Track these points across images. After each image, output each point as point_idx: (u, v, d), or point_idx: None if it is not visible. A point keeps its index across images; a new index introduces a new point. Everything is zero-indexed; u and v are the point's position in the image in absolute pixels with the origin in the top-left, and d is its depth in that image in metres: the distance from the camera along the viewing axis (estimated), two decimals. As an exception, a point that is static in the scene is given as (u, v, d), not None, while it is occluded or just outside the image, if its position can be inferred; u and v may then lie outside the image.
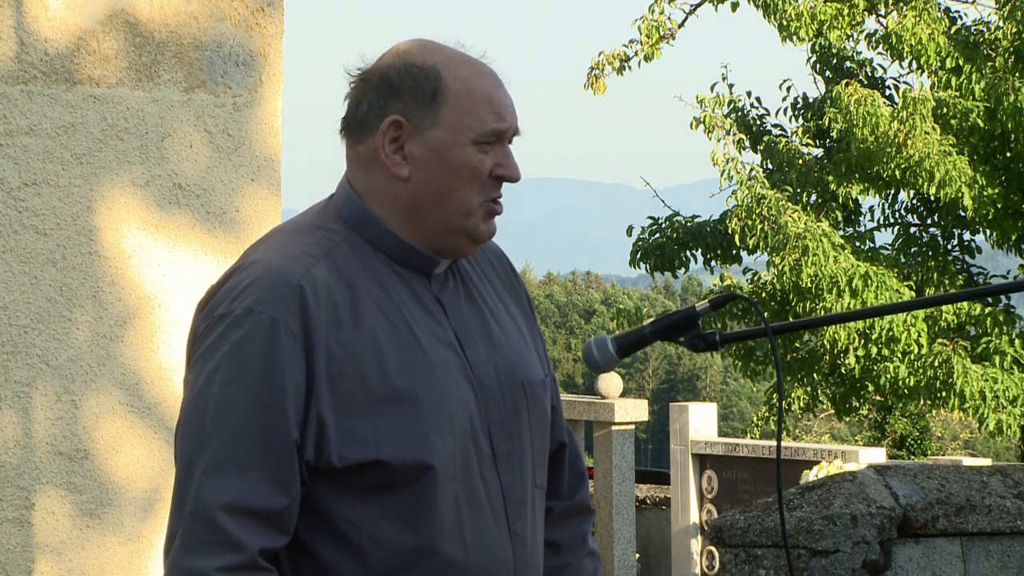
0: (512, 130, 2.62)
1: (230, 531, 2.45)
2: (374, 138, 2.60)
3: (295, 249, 2.57)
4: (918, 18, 16.37)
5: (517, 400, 2.66)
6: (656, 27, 18.01)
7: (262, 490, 2.47)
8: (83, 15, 4.33)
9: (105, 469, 4.37)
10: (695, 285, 60.57)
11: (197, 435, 2.48)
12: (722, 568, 5.42)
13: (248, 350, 2.48)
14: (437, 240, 2.61)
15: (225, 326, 2.51)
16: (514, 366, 2.68)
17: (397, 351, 2.55)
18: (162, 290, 4.43)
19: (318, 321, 2.51)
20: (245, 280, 2.55)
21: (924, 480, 5.43)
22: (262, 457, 2.47)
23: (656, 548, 14.45)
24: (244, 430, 2.47)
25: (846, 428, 29.85)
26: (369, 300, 2.56)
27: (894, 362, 15.71)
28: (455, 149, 2.58)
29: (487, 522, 2.59)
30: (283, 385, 2.48)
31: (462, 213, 2.59)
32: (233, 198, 4.55)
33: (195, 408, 2.50)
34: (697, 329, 2.71)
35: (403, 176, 2.59)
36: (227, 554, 2.45)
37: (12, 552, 4.26)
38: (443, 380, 2.57)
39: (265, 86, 4.60)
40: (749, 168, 16.86)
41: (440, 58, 2.60)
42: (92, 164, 4.35)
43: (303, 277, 2.52)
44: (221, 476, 2.46)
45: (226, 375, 2.48)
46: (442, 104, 2.58)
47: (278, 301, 2.50)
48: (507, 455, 2.63)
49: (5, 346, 4.26)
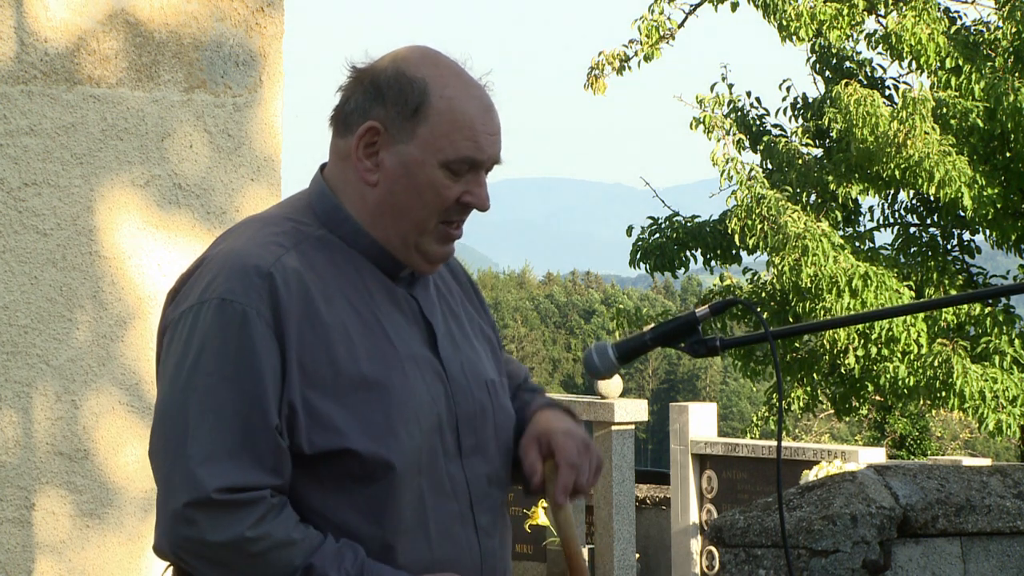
0: (489, 160, 2.61)
1: (230, 504, 2.46)
2: (353, 137, 2.60)
3: (264, 238, 2.58)
4: (918, 18, 16.36)
5: (483, 397, 2.68)
6: (656, 27, 18.01)
7: (254, 474, 2.48)
8: (83, 15, 4.32)
9: (105, 469, 4.37)
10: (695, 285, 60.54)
11: (181, 428, 2.48)
12: (722, 568, 5.42)
13: (224, 339, 2.49)
14: (395, 250, 2.62)
15: (197, 317, 2.51)
16: (477, 364, 2.70)
17: (366, 342, 2.56)
18: (162, 290, 4.43)
19: (289, 308, 2.51)
20: (215, 269, 2.55)
21: (924, 480, 5.43)
22: (251, 445, 2.48)
23: (656, 548, 14.45)
24: (230, 420, 2.47)
25: (846, 428, 29.85)
26: (338, 292, 2.57)
27: (894, 362, 15.70)
28: (423, 169, 2.57)
29: (452, 516, 2.60)
30: (261, 372, 2.48)
31: (417, 231, 2.60)
32: (233, 198, 4.55)
33: (175, 402, 2.50)
34: (698, 335, 2.72)
35: (371, 182, 2.60)
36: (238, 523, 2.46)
37: (12, 552, 4.26)
38: (411, 373, 2.58)
39: (265, 86, 4.60)
40: (749, 168, 16.85)
41: (432, 72, 2.59)
42: (92, 164, 4.35)
43: (273, 265, 2.53)
44: (213, 464, 2.46)
45: (205, 366, 2.49)
46: (422, 121, 2.57)
47: (249, 289, 2.51)
48: (472, 450, 2.65)
49: (5, 346, 4.26)
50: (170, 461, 2.49)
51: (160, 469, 2.51)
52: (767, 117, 18.05)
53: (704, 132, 17.20)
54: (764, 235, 15.94)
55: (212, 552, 2.46)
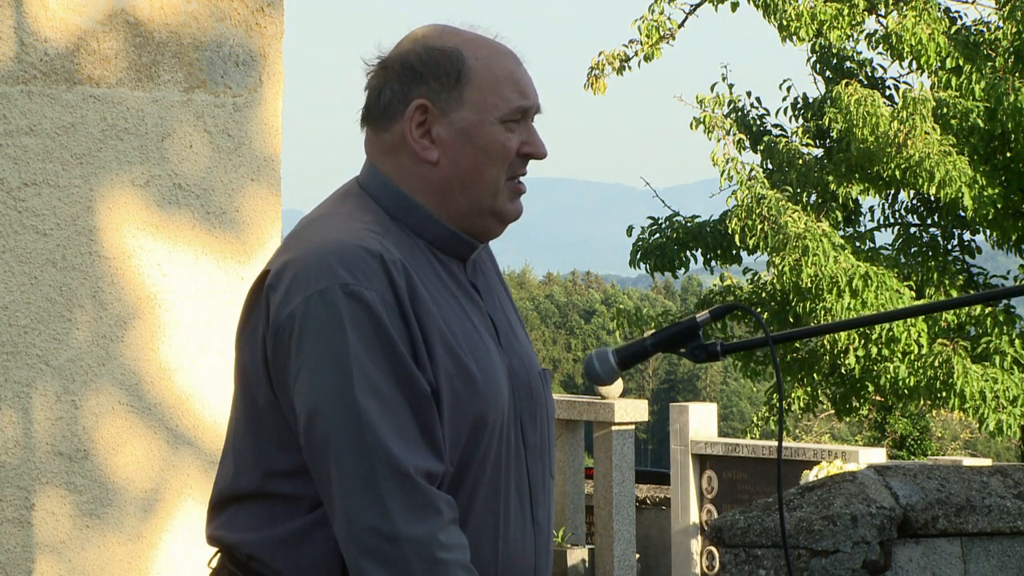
0: (535, 107, 2.62)
1: (429, 493, 2.40)
2: (399, 124, 2.58)
3: (356, 227, 2.53)
4: (918, 18, 16.36)
5: (539, 390, 2.67)
6: (656, 27, 18.00)
7: (431, 458, 2.43)
8: (83, 15, 4.32)
9: (105, 469, 4.37)
10: (695, 285, 60.53)
11: (355, 418, 2.40)
12: (722, 568, 5.42)
13: (361, 325, 2.42)
14: (466, 222, 2.60)
15: (322, 306, 2.43)
16: (532, 356, 2.69)
17: (463, 331, 2.54)
18: (162, 290, 4.43)
19: (402, 290, 2.47)
20: (319, 259, 2.47)
21: (924, 480, 5.43)
22: (422, 429, 2.43)
23: (656, 548, 14.44)
24: (399, 405, 2.41)
25: (846, 428, 29.84)
26: (429, 280, 2.54)
27: (894, 362, 15.70)
28: (483, 128, 2.57)
29: (517, 514, 2.58)
30: (405, 355, 2.43)
31: (491, 193, 2.58)
32: (233, 198, 4.55)
33: (340, 397, 2.41)
34: (698, 340, 2.73)
35: (432, 160, 2.57)
36: (435, 517, 2.40)
37: (12, 552, 4.25)
38: (495, 365, 2.57)
39: (265, 86, 4.60)
40: (749, 168, 16.85)
41: (459, 40, 2.60)
42: (92, 164, 4.35)
43: (380, 248, 2.48)
44: (404, 442, 2.40)
45: (355, 357, 2.41)
46: (466, 85, 2.57)
47: (371, 274, 2.45)
48: (535, 445, 2.63)
49: (5, 346, 4.25)
50: (354, 449, 2.40)
51: (339, 454, 2.41)
52: (767, 117, 18.05)
53: (704, 132, 17.20)
54: (764, 235, 15.93)
55: (396, 549, 2.38)
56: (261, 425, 2.53)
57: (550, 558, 2.68)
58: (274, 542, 2.51)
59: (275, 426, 2.52)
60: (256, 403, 2.54)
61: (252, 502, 2.54)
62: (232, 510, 2.57)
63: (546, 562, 2.65)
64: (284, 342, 2.47)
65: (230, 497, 2.57)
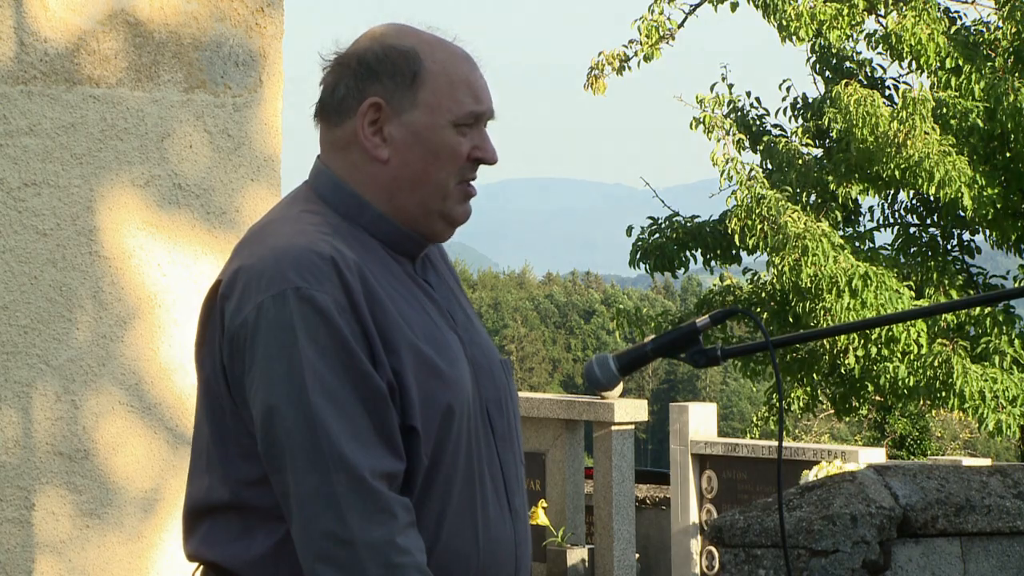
0: (489, 112, 2.62)
1: (385, 497, 2.40)
2: (352, 121, 2.59)
3: (306, 230, 2.53)
4: (918, 18, 16.37)
5: (501, 379, 2.68)
6: (656, 27, 18.01)
7: (388, 458, 2.43)
8: (83, 15, 4.32)
9: (105, 469, 4.37)
10: (695, 285, 60.54)
11: (309, 422, 2.40)
12: (722, 568, 5.42)
13: (311, 329, 2.42)
14: (415, 223, 2.61)
15: (274, 311, 2.44)
16: (491, 347, 2.71)
17: (422, 326, 2.54)
18: (162, 290, 4.44)
19: (356, 291, 2.47)
20: (270, 265, 2.48)
21: (924, 480, 5.43)
22: (378, 429, 2.43)
23: (656, 548, 14.44)
24: (354, 406, 2.42)
25: (846, 428, 29.84)
26: (382, 277, 2.55)
27: (894, 362, 15.70)
28: (435, 131, 2.57)
29: (493, 501, 2.59)
30: (360, 356, 2.44)
31: (440, 195, 2.59)
32: (233, 198, 4.55)
33: (292, 402, 2.41)
34: (698, 345, 2.74)
35: (382, 158, 2.58)
36: (391, 521, 2.39)
37: (12, 552, 4.26)
38: (457, 357, 2.57)
39: (265, 86, 4.60)
40: (749, 168, 16.85)
41: (417, 40, 2.61)
42: (92, 164, 4.35)
43: (332, 250, 2.49)
44: (359, 444, 2.40)
45: (308, 361, 2.41)
46: (421, 86, 2.57)
47: (322, 277, 2.45)
48: (503, 433, 2.64)
49: (5, 346, 4.26)
50: (306, 453, 2.40)
51: (293, 467, 2.41)
52: (767, 117, 18.06)
53: (704, 132, 17.21)
54: (764, 235, 15.94)
55: (352, 554, 2.37)
56: (226, 436, 2.53)
57: (529, 545, 2.68)
58: (256, 559, 2.51)
59: (238, 436, 2.51)
60: (219, 414, 2.54)
61: (225, 514, 2.54)
62: (207, 524, 2.56)
63: (526, 549, 2.66)
64: (239, 350, 2.48)
65: (204, 509, 2.57)
